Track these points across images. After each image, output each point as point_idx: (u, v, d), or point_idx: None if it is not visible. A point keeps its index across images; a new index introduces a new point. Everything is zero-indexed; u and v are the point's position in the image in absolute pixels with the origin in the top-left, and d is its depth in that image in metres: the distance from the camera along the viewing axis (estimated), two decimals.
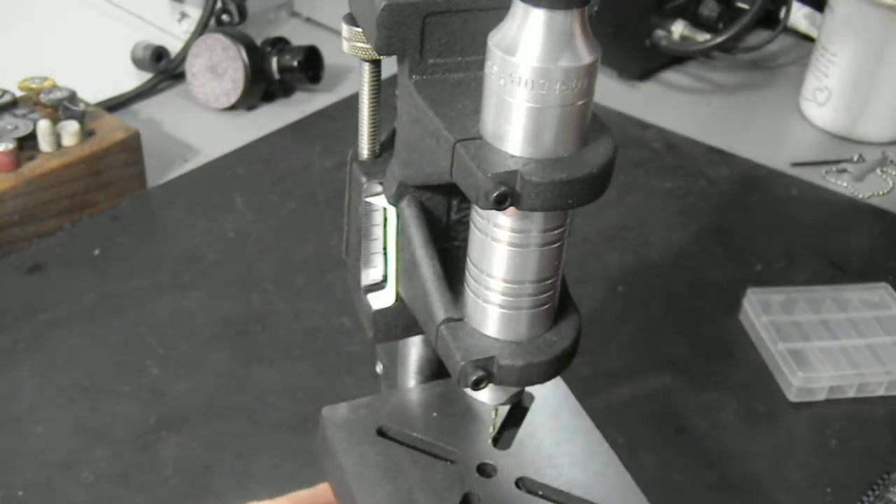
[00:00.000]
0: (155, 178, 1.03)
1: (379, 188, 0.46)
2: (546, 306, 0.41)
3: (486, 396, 0.44)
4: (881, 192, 1.09)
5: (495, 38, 0.35)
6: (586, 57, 0.34)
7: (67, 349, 0.80)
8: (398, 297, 0.47)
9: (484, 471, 0.48)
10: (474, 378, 0.40)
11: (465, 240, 0.42)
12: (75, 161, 0.93)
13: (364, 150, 0.47)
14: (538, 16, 0.33)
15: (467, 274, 0.41)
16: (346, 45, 0.43)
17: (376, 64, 0.44)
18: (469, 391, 0.41)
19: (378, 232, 0.46)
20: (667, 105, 1.24)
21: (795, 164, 1.13)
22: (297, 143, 1.11)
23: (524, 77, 0.34)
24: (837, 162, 1.13)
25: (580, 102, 0.35)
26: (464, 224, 0.45)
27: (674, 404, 0.79)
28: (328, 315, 0.85)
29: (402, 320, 0.48)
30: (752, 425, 0.77)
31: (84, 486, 0.69)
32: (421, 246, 0.43)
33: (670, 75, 1.31)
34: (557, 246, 0.39)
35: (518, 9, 0.34)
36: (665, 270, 0.94)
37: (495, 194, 0.35)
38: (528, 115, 0.35)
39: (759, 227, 1.01)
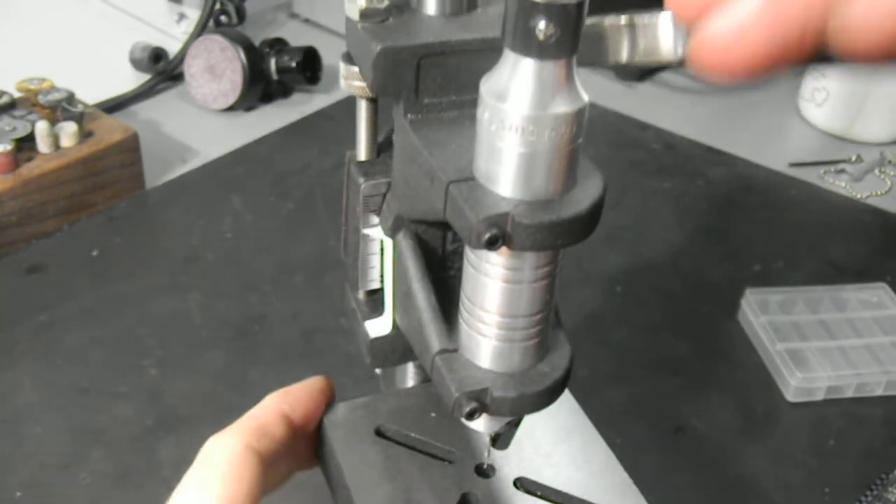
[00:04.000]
0: (153, 179, 1.03)
1: (377, 188, 0.46)
2: (538, 339, 0.41)
3: (481, 425, 0.45)
4: (879, 193, 1.10)
5: (487, 85, 0.35)
6: (575, 104, 0.34)
7: (66, 350, 0.80)
8: (395, 326, 0.48)
9: (482, 471, 0.48)
10: (468, 409, 0.41)
11: (460, 269, 0.42)
12: (73, 162, 0.93)
13: (361, 150, 0.47)
14: (528, 65, 0.33)
15: (461, 307, 0.42)
16: (343, 83, 0.43)
17: (373, 102, 0.45)
18: (464, 421, 0.42)
19: (375, 261, 0.47)
20: (665, 106, 1.25)
21: (793, 165, 1.13)
22: (295, 143, 1.11)
23: (514, 124, 0.34)
24: (835, 162, 1.13)
25: (569, 147, 0.35)
26: (458, 254, 0.46)
27: (672, 404, 0.79)
28: (326, 316, 0.85)
29: (398, 347, 0.49)
30: (751, 425, 0.77)
31: (82, 487, 0.69)
32: (417, 279, 0.44)
33: (669, 76, 1.31)
34: (548, 282, 0.40)
35: (508, 57, 0.34)
36: (663, 270, 0.94)
37: (487, 236, 0.36)
38: (518, 160, 0.35)
39: (757, 228, 1.01)
